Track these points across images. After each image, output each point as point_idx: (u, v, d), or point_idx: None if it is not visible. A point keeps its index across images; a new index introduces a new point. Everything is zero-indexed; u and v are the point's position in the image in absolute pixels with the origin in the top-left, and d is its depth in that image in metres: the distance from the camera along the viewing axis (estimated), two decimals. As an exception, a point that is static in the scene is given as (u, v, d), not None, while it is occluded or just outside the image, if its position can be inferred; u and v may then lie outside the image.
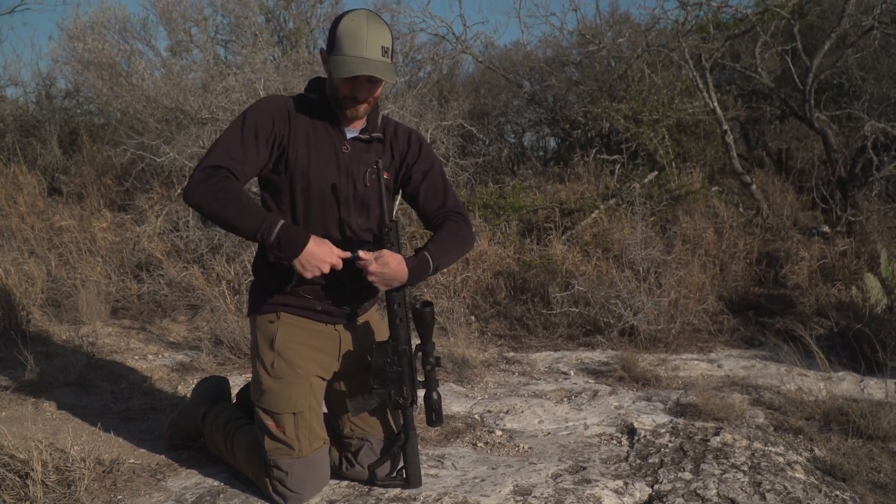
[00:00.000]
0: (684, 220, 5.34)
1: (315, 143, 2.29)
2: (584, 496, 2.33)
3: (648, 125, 6.47)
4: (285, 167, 2.27)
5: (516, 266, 5.10)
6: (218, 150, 2.17)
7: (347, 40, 2.17)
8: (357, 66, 2.16)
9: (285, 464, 2.27)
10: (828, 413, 3.09)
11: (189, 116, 5.81)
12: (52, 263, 5.03)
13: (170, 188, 5.85)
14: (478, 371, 3.78)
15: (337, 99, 2.27)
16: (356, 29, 2.17)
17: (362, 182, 2.34)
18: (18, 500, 2.19)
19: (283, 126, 2.26)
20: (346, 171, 2.32)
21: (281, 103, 2.29)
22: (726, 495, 2.37)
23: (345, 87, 2.22)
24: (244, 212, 2.10)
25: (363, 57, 2.17)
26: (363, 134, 2.35)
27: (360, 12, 2.22)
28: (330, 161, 2.30)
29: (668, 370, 3.80)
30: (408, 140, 2.44)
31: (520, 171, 7.27)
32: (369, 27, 2.18)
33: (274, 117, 2.24)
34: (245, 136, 2.20)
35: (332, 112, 2.32)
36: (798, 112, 6.49)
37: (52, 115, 7.98)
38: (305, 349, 2.34)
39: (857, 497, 2.44)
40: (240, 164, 2.17)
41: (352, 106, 2.26)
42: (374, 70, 2.16)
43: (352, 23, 2.19)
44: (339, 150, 2.32)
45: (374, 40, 2.18)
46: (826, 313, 4.26)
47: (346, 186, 2.32)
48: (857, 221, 5.35)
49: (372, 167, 2.34)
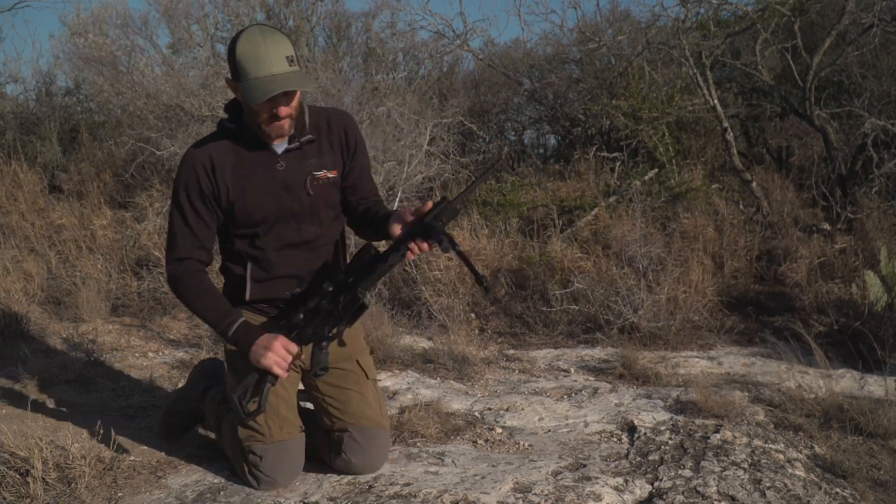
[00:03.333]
0: (684, 218, 5.34)
1: (247, 177, 2.31)
2: (584, 493, 2.33)
3: (648, 122, 6.47)
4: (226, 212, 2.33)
5: (516, 263, 5.10)
6: (177, 241, 2.32)
7: (249, 63, 2.12)
8: (269, 86, 2.12)
9: (259, 449, 2.34)
10: (828, 410, 3.09)
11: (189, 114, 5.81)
12: (52, 261, 5.04)
13: (169, 185, 5.85)
14: (478, 368, 3.78)
15: (258, 124, 2.25)
16: (253, 48, 2.13)
17: (305, 192, 2.36)
18: (19, 498, 2.19)
19: (208, 182, 2.29)
20: (285, 188, 2.34)
21: (200, 158, 2.29)
22: (726, 492, 2.37)
23: (263, 110, 2.19)
24: (209, 308, 2.30)
25: (271, 74, 2.12)
26: (293, 143, 2.34)
27: (251, 30, 2.17)
28: (266, 186, 2.32)
29: (668, 367, 3.80)
30: (344, 132, 2.43)
31: (520, 169, 7.26)
32: (266, 42, 2.13)
33: (198, 178, 2.28)
34: (188, 217, 2.30)
35: (255, 136, 2.30)
36: (798, 109, 6.48)
37: (52, 112, 7.97)
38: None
39: (857, 494, 2.44)
40: (199, 248, 2.33)
41: (276, 123, 2.24)
42: (287, 84, 2.13)
43: (247, 44, 2.13)
44: (273, 170, 2.33)
45: (275, 53, 2.14)
46: (826, 311, 4.27)
47: (288, 203, 2.36)
48: (857, 219, 5.35)
49: (312, 174, 2.36)
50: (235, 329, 2.26)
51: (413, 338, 4.28)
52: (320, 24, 8.20)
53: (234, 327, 2.26)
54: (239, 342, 2.26)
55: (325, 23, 8.37)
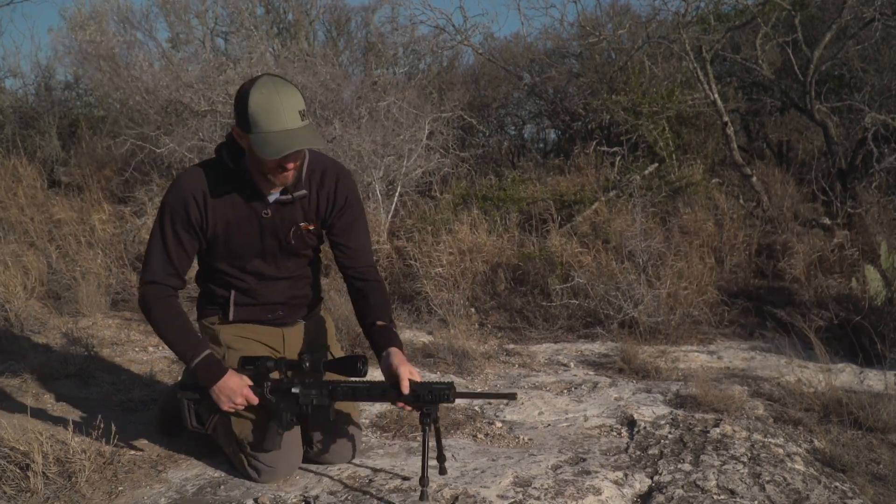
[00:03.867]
0: (684, 212, 5.34)
1: (235, 219, 2.34)
2: (583, 487, 2.33)
3: (648, 117, 6.46)
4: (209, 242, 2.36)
5: (516, 258, 5.10)
6: (153, 264, 2.32)
7: (263, 116, 2.11)
8: (284, 143, 2.11)
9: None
10: (827, 404, 3.10)
11: (189, 109, 5.81)
12: (51, 256, 5.03)
13: (169, 180, 5.85)
14: (478, 363, 3.78)
15: (262, 173, 2.25)
16: (267, 101, 2.10)
17: (287, 239, 2.42)
18: (19, 492, 2.19)
19: (198, 213, 2.30)
20: (270, 233, 2.40)
21: (194, 186, 2.29)
22: (726, 486, 2.38)
23: (272, 163, 2.18)
24: (177, 338, 2.31)
25: (286, 129, 2.11)
26: (285, 196, 2.35)
27: (263, 81, 2.14)
28: (251, 231, 2.37)
29: (667, 362, 3.81)
30: (334, 191, 2.42)
31: (520, 163, 7.26)
32: (280, 96, 2.12)
33: (187, 206, 2.28)
34: (168, 243, 2.30)
35: (251, 181, 2.31)
36: (799, 104, 6.47)
37: (51, 106, 7.97)
38: (251, 342, 2.50)
39: (857, 488, 2.44)
40: (174, 274, 2.34)
41: (281, 174, 2.24)
42: (301, 142, 2.13)
43: (260, 96, 2.11)
44: (260, 218, 2.36)
45: (289, 108, 2.12)
46: (826, 305, 4.27)
47: (270, 245, 2.42)
48: (857, 213, 5.34)
49: (297, 226, 2.40)
50: (198, 362, 2.28)
51: (413, 332, 4.28)
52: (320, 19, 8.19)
53: (198, 360, 2.28)
54: (199, 375, 2.29)
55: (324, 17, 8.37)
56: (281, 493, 2.32)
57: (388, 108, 5.84)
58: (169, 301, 2.33)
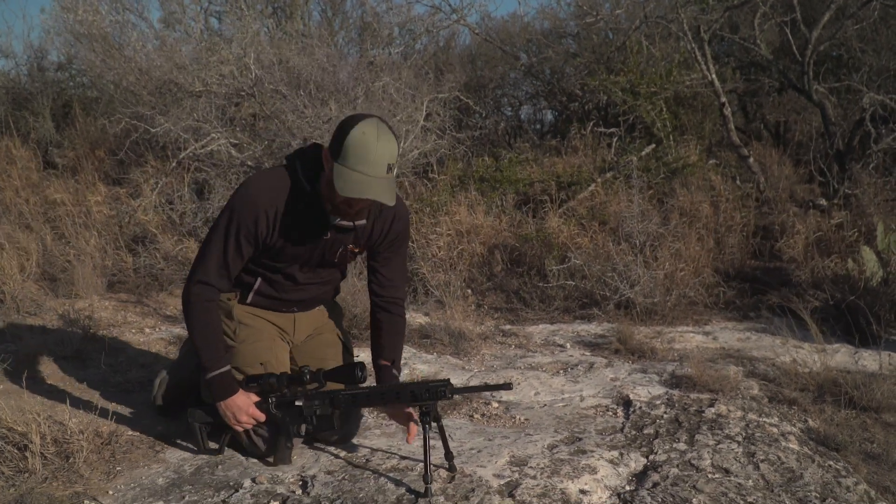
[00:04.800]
0: (681, 194, 5.33)
1: (298, 236, 2.38)
2: (579, 466, 2.34)
3: (646, 98, 6.44)
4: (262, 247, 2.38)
5: (513, 239, 5.10)
6: (210, 265, 2.33)
7: (354, 154, 2.14)
8: (359, 187, 2.15)
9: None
10: (822, 384, 3.11)
11: (183, 89, 5.77)
12: (47, 237, 5.02)
13: (164, 161, 5.82)
14: (474, 344, 3.79)
15: (332, 202, 2.29)
16: (365, 144, 2.14)
17: (332, 256, 2.48)
18: (17, 472, 2.20)
19: (265, 229, 2.33)
20: (321, 251, 2.45)
21: (268, 203, 2.30)
22: (720, 465, 2.39)
23: (341, 197, 2.21)
24: (207, 344, 2.33)
25: (367, 175, 2.15)
26: (346, 222, 2.38)
27: (370, 123, 2.17)
28: (307, 245, 2.41)
29: (663, 342, 3.82)
30: (390, 225, 2.48)
31: (516, 145, 7.23)
32: (378, 143, 2.15)
33: (258, 221, 2.30)
34: (229, 249, 2.32)
35: (322, 206, 2.33)
36: (797, 84, 6.45)
37: (44, 87, 7.90)
38: (261, 320, 2.57)
39: (850, 467, 2.46)
40: (225, 277, 2.37)
41: (344, 209, 2.29)
42: (374, 194, 2.17)
43: (362, 136, 2.14)
44: (319, 238, 2.41)
45: (382, 158, 2.16)
46: (822, 286, 4.28)
47: (316, 259, 2.48)
48: (854, 194, 5.34)
49: (345, 247, 2.46)
50: (216, 375, 2.32)
51: (410, 313, 4.28)
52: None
53: (216, 373, 2.32)
54: (213, 388, 2.33)
55: (319, -3, 8.30)
56: (278, 472, 2.33)
57: (384, 89, 5.80)
58: (211, 305, 2.36)
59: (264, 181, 2.33)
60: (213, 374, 2.32)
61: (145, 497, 2.18)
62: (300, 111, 5.32)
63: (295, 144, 5.36)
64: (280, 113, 5.47)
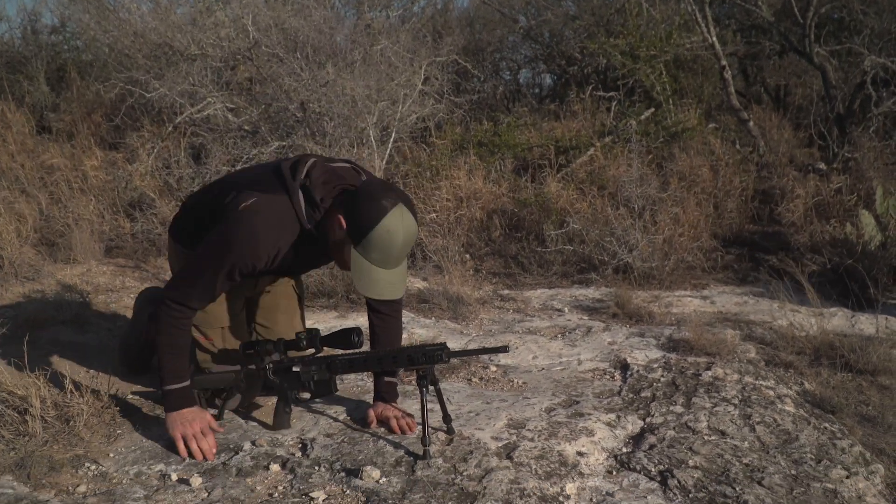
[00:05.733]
0: (680, 158, 5.31)
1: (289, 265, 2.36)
2: (576, 429, 2.36)
3: (645, 61, 6.37)
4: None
5: (511, 204, 5.09)
6: (197, 293, 2.22)
7: (378, 250, 2.10)
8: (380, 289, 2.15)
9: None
10: (818, 348, 3.13)
11: (178, 52, 5.71)
12: (43, 202, 5.00)
13: (160, 126, 5.78)
14: (472, 308, 3.79)
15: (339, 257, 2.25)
16: (390, 243, 2.09)
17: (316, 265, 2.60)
18: (18, 436, 2.21)
19: (263, 265, 2.24)
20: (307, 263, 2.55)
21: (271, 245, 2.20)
22: (717, 427, 2.41)
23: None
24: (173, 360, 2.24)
25: (387, 272, 2.13)
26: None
27: (395, 217, 2.08)
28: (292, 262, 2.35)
29: (661, 307, 3.83)
30: None
31: (515, 109, 7.18)
32: (404, 240, 2.11)
33: (256, 261, 2.21)
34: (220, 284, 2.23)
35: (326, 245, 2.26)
36: (798, 47, 6.39)
37: (38, 51, 7.82)
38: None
39: (846, 429, 2.48)
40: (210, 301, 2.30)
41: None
42: (392, 294, 2.18)
43: (388, 235, 2.08)
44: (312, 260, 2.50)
45: (403, 254, 2.15)
46: (820, 250, 4.28)
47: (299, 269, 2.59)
48: (854, 158, 5.32)
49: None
50: (176, 388, 2.25)
51: (408, 278, 4.28)
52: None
53: (176, 385, 2.25)
54: (170, 399, 2.25)
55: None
56: (278, 435, 2.35)
57: (381, 52, 5.75)
58: (186, 325, 2.27)
59: (271, 220, 2.19)
60: (173, 386, 2.24)
61: (146, 459, 2.19)
62: (297, 74, 5.27)
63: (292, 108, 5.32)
64: (277, 76, 5.42)
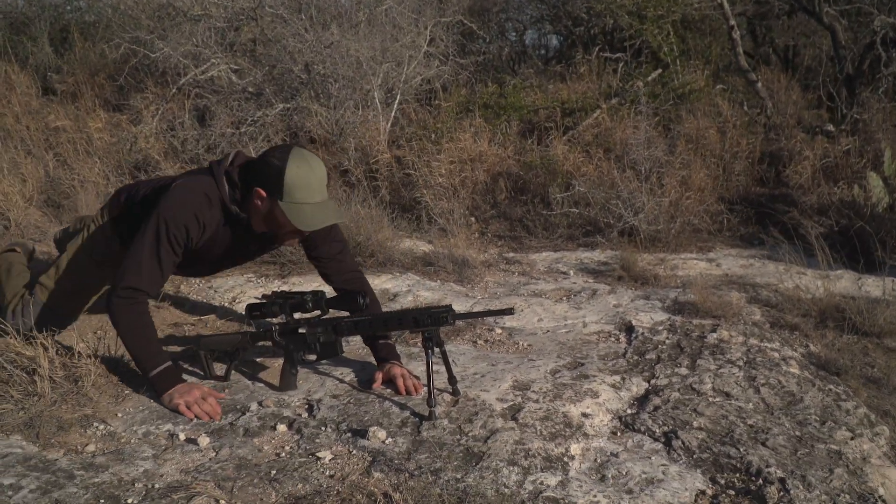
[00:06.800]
0: (688, 120, 5.26)
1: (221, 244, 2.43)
2: (581, 391, 2.37)
3: (653, 21, 6.29)
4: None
5: (517, 167, 5.06)
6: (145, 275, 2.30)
7: (301, 190, 2.23)
8: (319, 217, 2.26)
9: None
10: (824, 310, 3.13)
11: (182, 13, 5.65)
12: (49, 164, 4.99)
13: (164, 87, 5.74)
14: (478, 271, 3.80)
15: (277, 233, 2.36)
16: (305, 177, 2.23)
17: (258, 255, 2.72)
18: (27, 396, 2.23)
19: (197, 236, 2.35)
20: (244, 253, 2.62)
21: (197, 221, 2.31)
22: (721, 389, 2.42)
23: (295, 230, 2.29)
24: (142, 345, 2.30)
25: (318, 203, 2.26)
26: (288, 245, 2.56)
27: (297, 154, 2.24)
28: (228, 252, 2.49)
29: (666, 269, 3.82)
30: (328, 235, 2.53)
31: (521, 70, 7.11)
32: (313, 171, 2.25)
33: (189, 234, 2.32)
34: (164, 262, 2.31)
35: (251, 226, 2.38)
36: (807, 6, 6.29)
37: (41, 11, 7.76)
38: None
39: (851, 391, 2.49)
40: (158, 286, 2.40)
41: (292, 239, 2.41)
42: (333, 218, 2.32)
43: (299, 170, 2.22)
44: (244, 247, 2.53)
45: (321, 182, 2.28)
46: (827, 212, 4.26)
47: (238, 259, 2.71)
48: (862, 119, 5.27)
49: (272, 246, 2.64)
50: (157, 372, 2.28)
51: (413, 241, 4.29)
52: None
53: (157, 370, 2.28)
54: (157, 384, 2.29)
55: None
56: (284, 396, 2.36)
57: (386, 13, 5.68)
58: (143, 308, 2.32)
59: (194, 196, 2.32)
60: (154, 371, 2.28)
61: (154, 419, 2.22)
62: (301, 35, 5.22)
63: (296, 70, 5.28)
64: (281, 37, 5.37)
